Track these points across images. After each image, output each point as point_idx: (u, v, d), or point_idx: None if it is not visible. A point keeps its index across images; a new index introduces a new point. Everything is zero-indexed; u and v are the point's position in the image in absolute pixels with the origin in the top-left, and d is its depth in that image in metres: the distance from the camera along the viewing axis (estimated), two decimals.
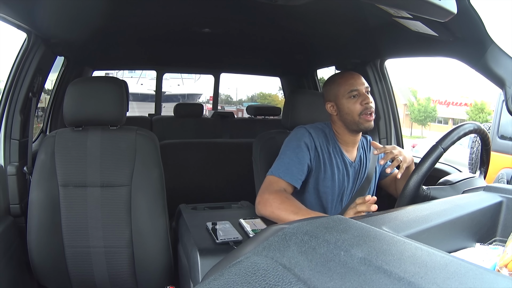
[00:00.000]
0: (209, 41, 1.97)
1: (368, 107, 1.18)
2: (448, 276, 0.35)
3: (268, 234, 0.46)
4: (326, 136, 1.23)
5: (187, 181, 1.96)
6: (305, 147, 1.17)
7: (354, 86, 1.19)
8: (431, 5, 0.72)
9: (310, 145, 1.18)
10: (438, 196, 0.91)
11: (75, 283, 1.27)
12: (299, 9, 0.99)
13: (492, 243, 0.71)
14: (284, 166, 1.14)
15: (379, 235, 0.46)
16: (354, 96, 1.19)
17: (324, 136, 1.23)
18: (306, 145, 1.17)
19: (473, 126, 0.93)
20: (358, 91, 1.19)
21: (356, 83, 1.19)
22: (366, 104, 1.17)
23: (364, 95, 1.18)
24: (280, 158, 1.17)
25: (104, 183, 1.25)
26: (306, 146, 1.17)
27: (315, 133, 1.21)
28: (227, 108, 12.38)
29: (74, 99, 1.25)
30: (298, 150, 1.16)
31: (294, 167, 1.14)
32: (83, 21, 1.47)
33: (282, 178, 1.13)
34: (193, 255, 0.92)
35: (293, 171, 1.14)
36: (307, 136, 1.19)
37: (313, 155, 1.18)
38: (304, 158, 1.16)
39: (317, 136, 1.20)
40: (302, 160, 1.16)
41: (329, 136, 1.24)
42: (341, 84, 1.21)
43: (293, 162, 1.15)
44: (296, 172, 1.14)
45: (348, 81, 1.20)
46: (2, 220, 1.24)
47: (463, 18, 0.88)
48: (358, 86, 1.19)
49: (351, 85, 1.19)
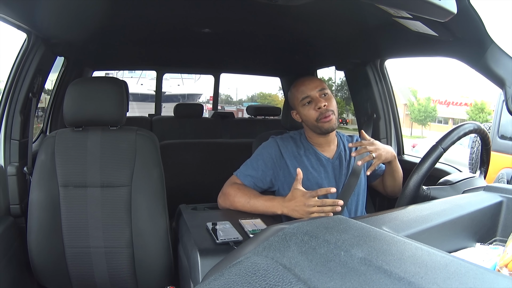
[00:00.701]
0: (209, 41, 1.97)
1: (323, 111, 1.20)
2: (448, 276, 0.35)
3: (268, 234, 0.46)
4: (296, 141, 1.29)
5: (187, 181, 1.96)
6: (269, 157, 1.25)
7: (305, 93, 1.22)
8: (431, 5, 0.72)
9: (275, 155, 1.25)
10: (438, 196, 0.91)
11: (75, 283, 1.27)
12: (299, 9, 0.99)
13: (492, 243, 0.71)
14: (245, 170, 1.25)
15: (379, 235, 0.46)
16: (308, 102, 1.23)
17: (293, 142, 1.28)
18: (270, 155, 1.25)
19: (473, 126, 0.93)
20: (310, 97, 1.22)
21: (307, 89, 1.22)
22: (319, 108, 1.20)
23: (316, 99, 1.21)
24: (245, 163, 1.27)
25: (104, 184, 1.25)
26: (270, 156, 1.25)
27: (282, 143, 1.27)
28: (227, 108, 12.39)
29: (74, 99, 1.25)
30: (259, 158, 1.25)
31: (253, 172, 1.24)
32: (83, 21, 1.47)
33: (239, 178, 1.24)
34: (193, 255, 0.92)
35: (250, 174, 1.23)
36: (274, 146, 1.26)
37: (278, 163, 1.25)
38: (263, 167, 1.24)
39: (284, 144, 1.27)
40: (263, 167, 1.24)
41: (300, 140, 1.30)
42: (294, 92, 1.26)
43: (252, 167, 1.24)
44: (252, 176, 1.23)
45: (299, 89, 1.24)
46: (2, 221, 1.24)
47: (463, 18, 0.88)
48: (309, 92, 1.22)
49: (302, 93, 1.23)
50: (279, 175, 1.25)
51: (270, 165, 1.24)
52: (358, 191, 1.30)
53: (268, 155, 1.25)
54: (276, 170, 1.25)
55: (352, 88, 1.95)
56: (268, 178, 1.24)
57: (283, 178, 1.25)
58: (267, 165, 1.24)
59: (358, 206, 1.30)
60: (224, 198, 1.22)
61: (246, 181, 1.23)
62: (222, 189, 1.24)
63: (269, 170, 1.24)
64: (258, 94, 18.60)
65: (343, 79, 2.59)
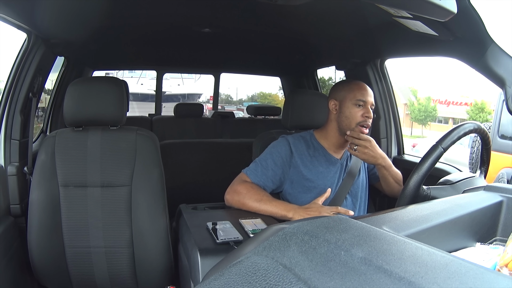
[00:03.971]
0: (209, 41, 1.97)
1: (367, 121, 1.24)
2: (448, 276, 0.35)
3: (269, 234, 0.46)
4: (307, 141, 1.30)
5: (187, 181, 1.96)
6: (278, 156, 1.25)
7: (364, 97, 1.25)
8: (431, 5, 0.72)
9: (285, 154, 1.25)
10: (438, 195, 0.91)
11: (75, 283, 1.27)
12: (299, 9, 0.99)
13: (492, 243, 0.71)
14: (255, 168, 1.24)
15: (379, 235, 0.46)
16: (360, 105, 1.24)
17: (304, 142, 1.29)
18: (280, 154, 1.25)
19: (473, 125, 0.93)
20: (365, 103, 1.24)
21: (367, 94, 1.26)
22: (367, 117, 1.23)
23: (368, 109, 1.25)
24: (255, 161, 1.26)
25: (104, 183, 1.25)
26: (280, 155, 1.25)
27: (293, 141, 1.28)
28: (228, 108, 12.38)
29: (74, 99, 1.25)
30: (268, 157, 1.25)
31: (263, 170, 1.23)
32: (83, 21, 1.47)
33: (248, 176, 1.23)
34: (193, 255, 0.92)
35: (260, 173, 1.23)
36: (285, 145, 1.26)
37: (288, 162, 1.25)
38: (273, 166, 1.24)
39: (295, 143, 1.28)
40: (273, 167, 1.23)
41: (311, 141, 1.30)
42: (353, 89, 1.27)
43: (262, 166, 1.24)
44: (261, 175, 1.23)
45: (361, 91, 1.26)
46: (3, 221, 1.24)
47: (463, 18, 0.88)
48: (367, 98, 1.25)
49: (362, 95, 1.25)
50: (288, 174, 1.25)
51: (279, 164, 1.24)
52: (359, 191, 1.30)
53: (278, 154, 1.25)
54: (286, 168, 1.25)
55: None
56: (278, 177, 1.24)
57: (293, 176, 1.25)
58: (276, 164, 1.24)
59: (358, 206, 1.30)
60: (233, 195, 1.20)
61: (256, 180, 1.22)
62: (232, 185, 1.23)
63: (278, 169, 1.24)
64: (258, 93, 18.60)
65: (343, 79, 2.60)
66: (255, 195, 1.17)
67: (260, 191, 1.19)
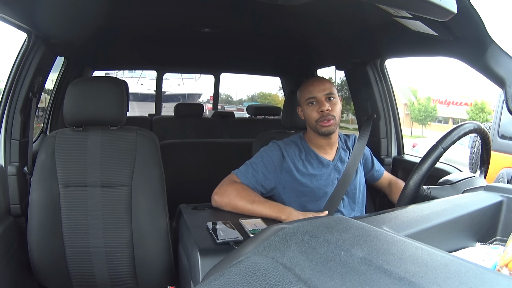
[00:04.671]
0: (209, 41, 1.97)
1: (324, 115, 1.22)
2: (448, 276, 0.35)
3: (269, 234, 0.46)
4: (298, 146, 1.29)
5: (187, 181, 1.96)
6: (270, 160, 1.23)
7: (312, 94, 1.24)
8: (431, 5, 0.71)
9: (277, 158, 1.24)
10: (438, 195, 0.91)
11: (75, 283, 1.27)
12: (299, 9, 0.99)
13: (492, 243, 0.71)
14: (245, 170, 1.23)
15: (379, 234, 0.46)
16: (311, 103, 1.24)
17: (296, 146, 1.29)
18: (272, 158, 1.24)
19: (473, 125, 0.93)
20: (315, 98, 1.24)
21: (314, 90, 1.24)
22: (322, 111, 1.22)
23: (321, 102, 1.23)
24: (246, 163, 1.25)
25: (104, 183, 1.25)
26: (271, 159, 1.24)
27: (284, 146, 1.27)
28: (228, 108, 12.37)
29: (74, 99, 1.26)
30: (259, 161, 1.24)
31: (253, 173, 1.22)
32: (83, 21, 1.47)
33: (238, 177, 1.22)
34: (193, 255, 0.92)
35: (251, 175, 1.21)
36: (276, 150, 1.26)
37: (280, 166, 1.24)
38: (264, 170, 1.22)
39: (286, 147, 1.27)
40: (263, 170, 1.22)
41: (301, 145, 1.30)
42: (302, 91, 1.28)
43: (252, 169, 1.22)
44: (251, 177, 1.21)
45: (307, 88, 1.26)
46: (3, 221, 1.24)
47: (463, 18, 0.88)
48: (316, 93, 1.24)
49: (309, 93, 1.25)
50: (280, 178, 1.24)
51: (271, 168, 1.23)
52: (356, 192, 1.30)
53: (269, 158, 1.24)
54: (277, 173, 1.24)
55: (352, 88, 1.95)
56: (268, 182, 1.23)
57: (285, 181, 1.24)
58: (267, 168, 1.23)
59: (356, 207, 1.30)
60: (223, 196, 1.18)
61: (246, 181, 1.21)
62: (221, 186, 1.20)
63: (269, 174, 1.23)
64: (258, 93, 18.58)
65: (343, 78, 2.60)
66: (247, 196, 1.15)
67: (251, 193, 1.17)
